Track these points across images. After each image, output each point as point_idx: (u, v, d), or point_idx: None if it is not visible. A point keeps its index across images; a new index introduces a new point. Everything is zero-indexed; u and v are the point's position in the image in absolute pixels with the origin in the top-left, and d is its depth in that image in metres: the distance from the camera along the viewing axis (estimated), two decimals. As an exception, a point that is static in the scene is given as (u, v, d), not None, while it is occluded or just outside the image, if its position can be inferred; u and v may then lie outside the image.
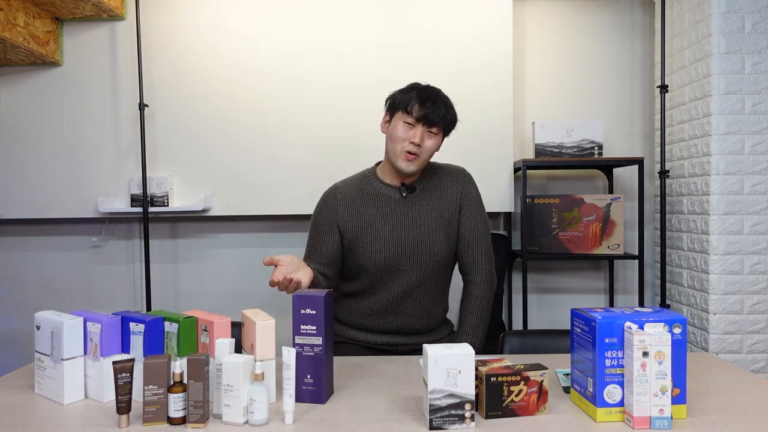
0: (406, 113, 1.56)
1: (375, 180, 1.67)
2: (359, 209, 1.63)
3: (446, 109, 1.57)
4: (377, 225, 1.62)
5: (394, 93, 1.62)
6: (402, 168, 1.58)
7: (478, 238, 1.67)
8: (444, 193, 1.66)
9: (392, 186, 1.65)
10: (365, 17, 2.57)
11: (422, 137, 1.55)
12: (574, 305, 2.77)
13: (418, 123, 1.55)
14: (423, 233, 1.62)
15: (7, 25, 2.22)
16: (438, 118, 1.54)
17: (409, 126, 1.56)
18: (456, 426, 1.03)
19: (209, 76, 2.59)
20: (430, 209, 1.64)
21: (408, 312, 1.64)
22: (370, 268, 1.61)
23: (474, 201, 1.68)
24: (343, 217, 1.64)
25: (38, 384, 1.25)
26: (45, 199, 2.64)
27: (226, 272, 2.75)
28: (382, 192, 1.65)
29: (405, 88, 1.61)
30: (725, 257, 2.29)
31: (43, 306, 2.77)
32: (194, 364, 1.06)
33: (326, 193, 1.70)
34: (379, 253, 1.60)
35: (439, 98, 1.57)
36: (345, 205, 1.65)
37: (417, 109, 1.54)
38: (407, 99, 1.56)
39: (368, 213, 1.63)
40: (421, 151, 1.56)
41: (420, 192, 1.65)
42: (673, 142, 2.58)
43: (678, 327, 1.05)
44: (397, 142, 1.57)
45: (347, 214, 1.64)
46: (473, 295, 1.66)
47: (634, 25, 2.73)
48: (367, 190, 1.66)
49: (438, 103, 1.55)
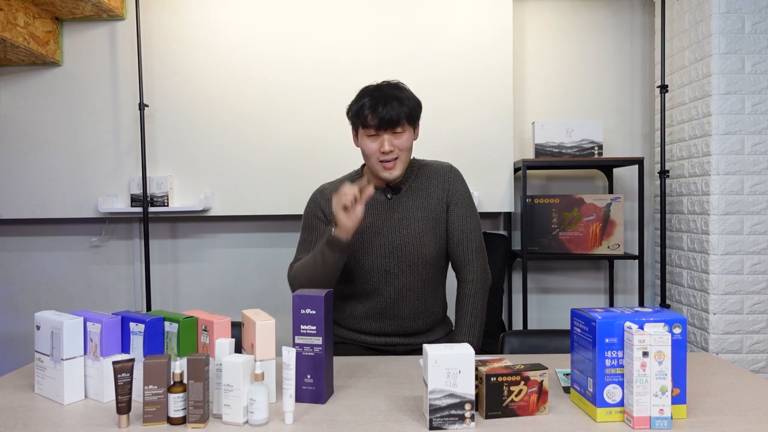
0: (365, 127, 1.52)
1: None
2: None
3: (400, 103, 1.50)
4: (364, 229, 1.59)
5: (349, 105, 1.57)
6: (387, 177, 1.55)
7: (468, 235, 1.64)
8: (430, 192, 1.63)
9: (378, 188, 1.63)
10: (365, 18, 2.57)
11: (390, 142, 1.50)
12: (574, 305, 2.77)
13: (380, 131, 1.50)
14: (411, 235, 1.59)
15: (7, 25, 2.22)
16: (396, 116, 1.48)
17: (373, 138, 1.52)
18: (456, 426, 1.03)
19: (209, 75, 2.59)
20: (416, 210, 1.61)
21: (404, 314, 1.63)
22: (360, 272, 1.60)
23: (461, 197, 1.64)
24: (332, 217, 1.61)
25: (38, 384, 1.25)
26: (45, 199, 2.64)
27: (226, 272, 2.75)
28: None
29: (356, 98, 1.56)
30: (725, 257, 2.29)
31: (43, 306, 2.77)
32: (194, 364, 1.06)
33: (314, 194, 1.68)
34: (367, 258, 1.58)
35: (389, 95, 1.50)
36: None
37: (372, 119, 1.49)
38: (360, 112, 1.51)
39: None
40: (397, 153, 1.52)
41: (406, 192, 1.62)
42: (673, 142, 2.58)
43: (678, 327, 1.05)
44: (370, 157, 1.54)
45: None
46: (467, 294, 1.64)
47: (634, 25, 2.73)
48: None
49: (390, 102, 1.48)
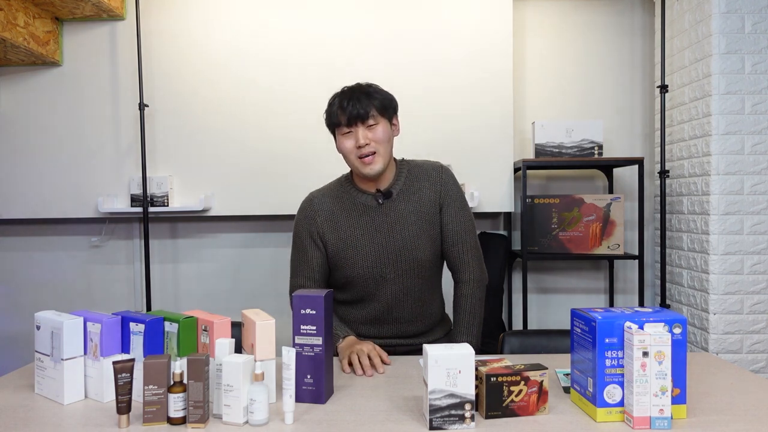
0: (338, 126, 1.53)
1: (351, 188, 1.62)
2: (337, 221, 1.60)
3: (369, 96, 1.51)
4: (357, 236, 1.58)
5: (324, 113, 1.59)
6: (368, 173, 1.53)
7: (463, 235, 1.62)
8: (422, 195, 1.60)
9: (368, 193, 1.60)
10: (365, 18, 2.57)
11: (364, 135, 1.50)
12: (574, 305, 2.77)
13: (351, 125, 1.51)
14: (404, 239, 1.57)
15: (7, 25, 2.22)
16: (363, 109, 1.49)
17: (348, 135, 1.53)
18: (456, 426, 1.03)
19: (209, 75, 2.59)
20: (408, 213, 1.58)
21: (402, 318, 1.62)
22: (355, 279, 1.59)
23: (454, 196, 1.62)
24: (323, 228, 1.60)
25: (38, 384, 1.25)
26: (45, 199, 2.64)
27: (226, 272, 2.75)
28: (358, 201, 1.60)
29: (329, 102, 1.57)
30: (725, 257, 2.29)
31: (43, 306, 2.77)
32: (194, 364, 1.06)
33: (303, 205, 1.65)
34: (362, 264, 1.57)
35: (356, 91, 1.52)
36: (323, 217, 1.61)
37: (342, 116, 1.51)
38: (332, 113, 1.54)
39: (347, 224, 1.59)
40: (375, 147, 1.51)
41: (397, 197, 1.59)
42: (673, 142, 2.58)
43: (678, 327, 1.05)
44: (348, 156, 1.54)
45: (327, 226, 1.60)
46: (464, 294, 1.63)
47: (634, 25, 2.73)
48: (343, 199, 1.62)
49: (357, 97, 1.50)
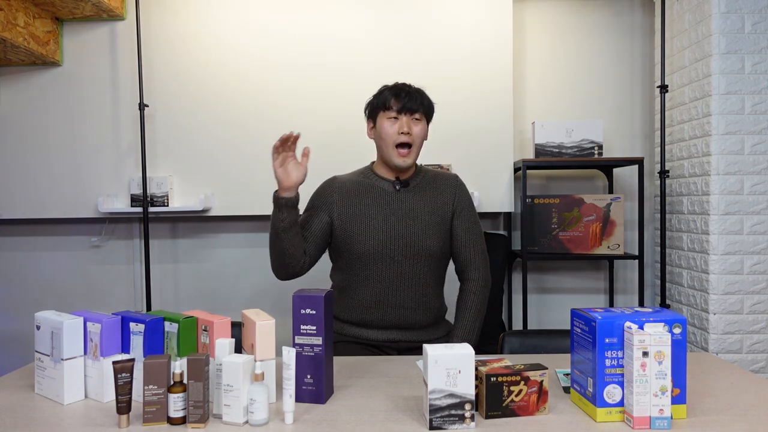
0: (386, 110, 1.66)
1: (372, 174, 1.74)
2: (354, 198, 1.70)
3: (421, 95, 1.67)
4: (371, 213, 1.67)
5: (369, 100, 1.73)
6: (399, 164, 1.65)
7: (474, 239, 1.74)
8: (438, 193, 1.73)
9: (387, 180, 1.72)
10: (365, 19, 2.57)
11: (409, 125, 1.64)
12: (574, 305, 2.77)
13: (401, 114, 1.64)
14: (416, 225, 1.67)
15: (7, 25, 2.22)
16: (417, 104, 1.64)
17: (393, 120, 1.65)
18: (456, 426, 1.03)
19: (209, 75, 2.59)
20: (423, 204, 1.70)
21: (404, 304, 1.67)
22: (362, 255, 1.65)
23: (467, 207, 1.75)
24: (338, 204, 1.69)
25: (38, 384, 1.25)
26: (45, 199, 2.64)
27: (226, 272, 2.75)
28: (377, 184, 1.72)
29: (377, 92, 1.71)
30: (725, 257, 2.29)
31: (43, 306, 2.77)
32: (194, 364, 1.06)
33: (325, 182, 1.76)
34: (371, 240, 1.65)
35: (411, 88, 1.67)
36: (341, 194, 1.71)
37: (395, 103, 1.64)
38: (383, 98, 1.67)
39: (363, 202, 1.69)
40: (412, 139, 1.64)
41: (413, 188, 1.72)
42: (673, 142, 2.58)
43: (678, 327, 1.05)
44: (387, 139, 1.66)
45: (342, 202, 1.69)
46: (470, 291, 1.71)
47: (634, 25, 2.73)
48: (363, 182, 1.73)
49: (412, 92, 1.65)
